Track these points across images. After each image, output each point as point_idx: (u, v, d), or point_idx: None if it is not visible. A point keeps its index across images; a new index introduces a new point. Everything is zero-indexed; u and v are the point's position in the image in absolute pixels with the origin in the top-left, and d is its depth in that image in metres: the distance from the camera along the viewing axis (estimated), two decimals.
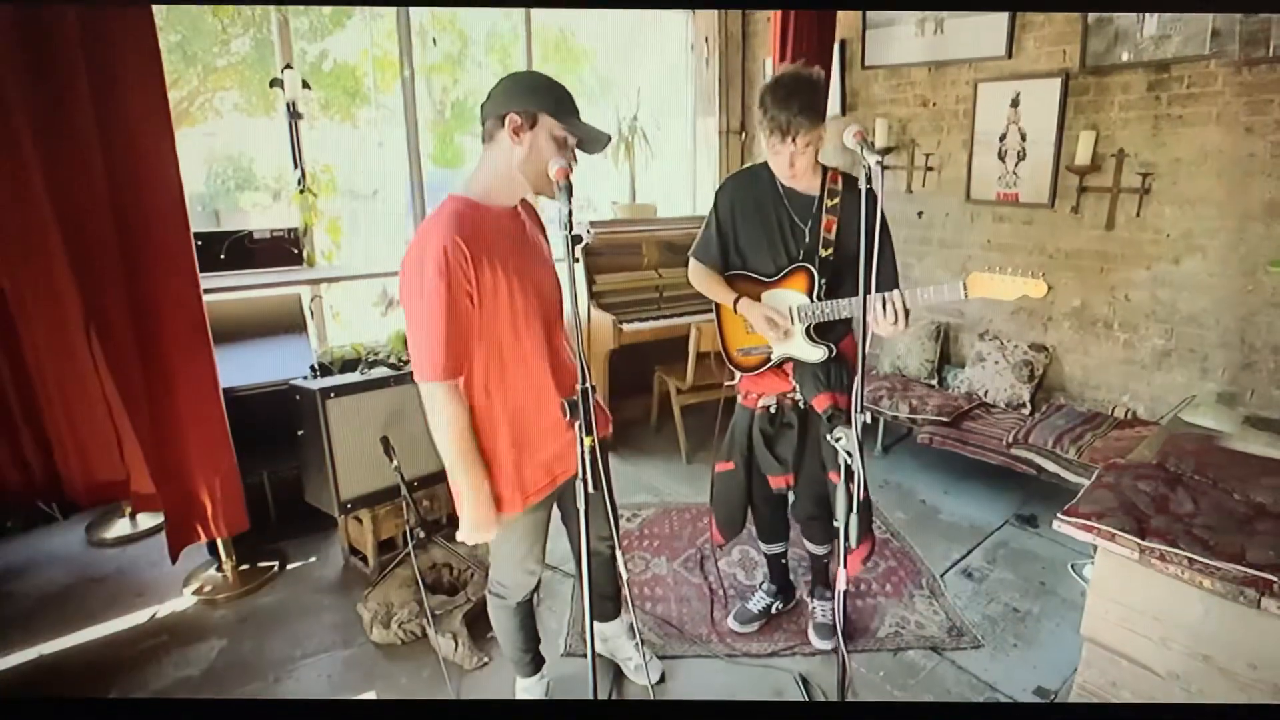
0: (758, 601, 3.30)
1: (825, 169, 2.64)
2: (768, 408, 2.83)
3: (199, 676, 3.01)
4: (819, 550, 3.12)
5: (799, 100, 2.40)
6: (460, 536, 2.22)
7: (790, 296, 2.67)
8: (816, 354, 2.67)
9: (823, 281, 2.61)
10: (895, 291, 2.36)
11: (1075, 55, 4.21)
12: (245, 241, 4.21)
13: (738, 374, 2.90)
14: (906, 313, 2.37)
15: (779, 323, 2.63)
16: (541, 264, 2.22)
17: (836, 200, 2.61)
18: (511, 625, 2.61)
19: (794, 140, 2.44)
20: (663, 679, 2.98)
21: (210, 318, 3.21)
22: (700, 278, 2.84)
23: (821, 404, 2.66)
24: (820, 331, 2.67)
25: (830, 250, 2.61)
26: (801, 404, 2.78)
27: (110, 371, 3.13)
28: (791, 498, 3.05)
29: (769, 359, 2.77)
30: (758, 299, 2.71)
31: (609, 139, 2.09)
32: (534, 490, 2.28)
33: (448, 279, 1.92)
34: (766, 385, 2.82)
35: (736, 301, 2.71)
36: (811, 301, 2.62)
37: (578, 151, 2.10)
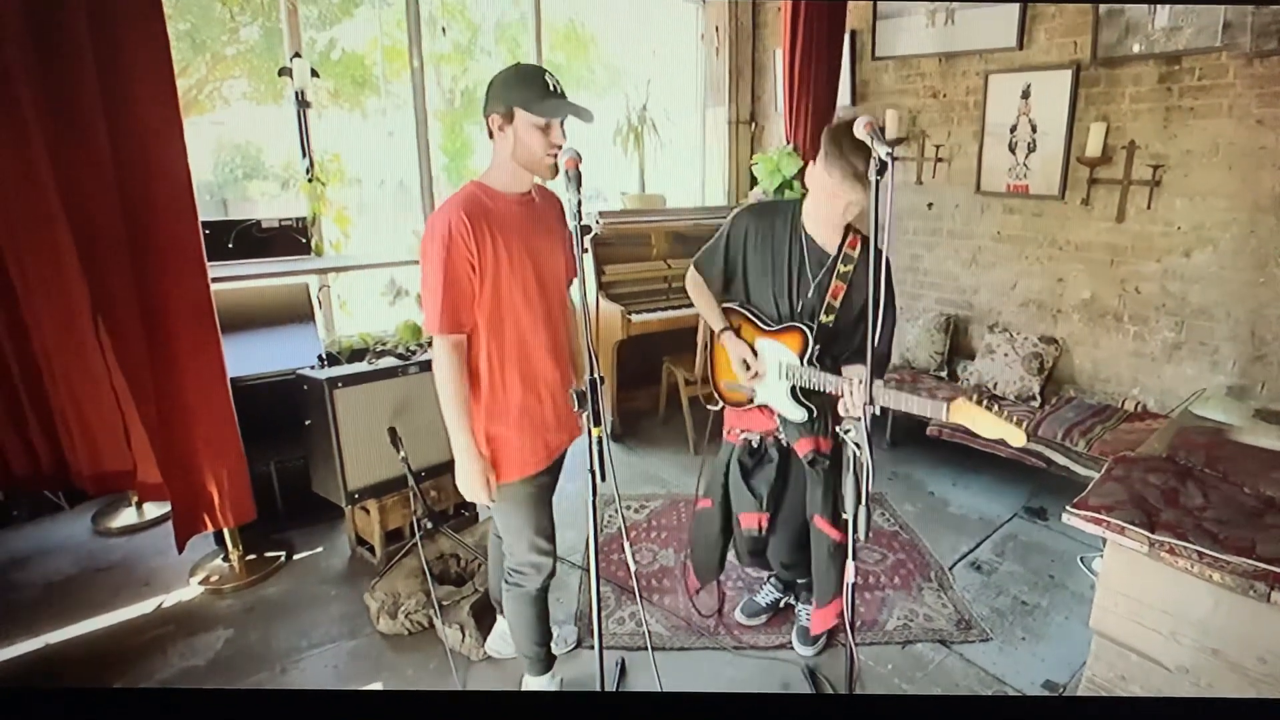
0: (765, 595, 3.28)
1: (847, 229, 2.58)
2: (749, 440, 2.81)
3: (205, 666, 3.00)
4: (800, 580, 3.09)
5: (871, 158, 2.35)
6: (461, 491, 2.36)
7: (782, 352, 2.62)
8: (798, 415, 2.65)
9: (816, 347, 2.57)
10: (878, 383, 2.27)
11: (1086, 47, 4.19)
12: (253, 230, 4.19)
13: (720, 402, 2.89)
14: (872, 400, 2.29)
15: (751, 365, 2.63)
16: (550, 248, 2.37)
17: (850, 267, 2.55)
18: (529, 615, 2.63)
19: (865, 189, 2.28)
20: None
21: (218, 307, 3.20)
22: (696, 292, 2.84)
23: (803, 449, 2.67)
24: (805, 392, 2.63)
25: (831, 317, 2.58)
26: (784, 442, 2.76)
27: (118, 360, 3.11)
28: (766, 538, 2.94)
29: (753, 399, 2.75)
30: (750, 341, 2.68)
31: (588, 113, 2.18)
32: (533, 460, 2.42)
33: (449, 247, 2.14)
34: (752, 422, 2.80)
35: (723, 332, 2.70)
36: (801, 364, 2.58)
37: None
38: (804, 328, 2.57)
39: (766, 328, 2.66)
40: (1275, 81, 3.63)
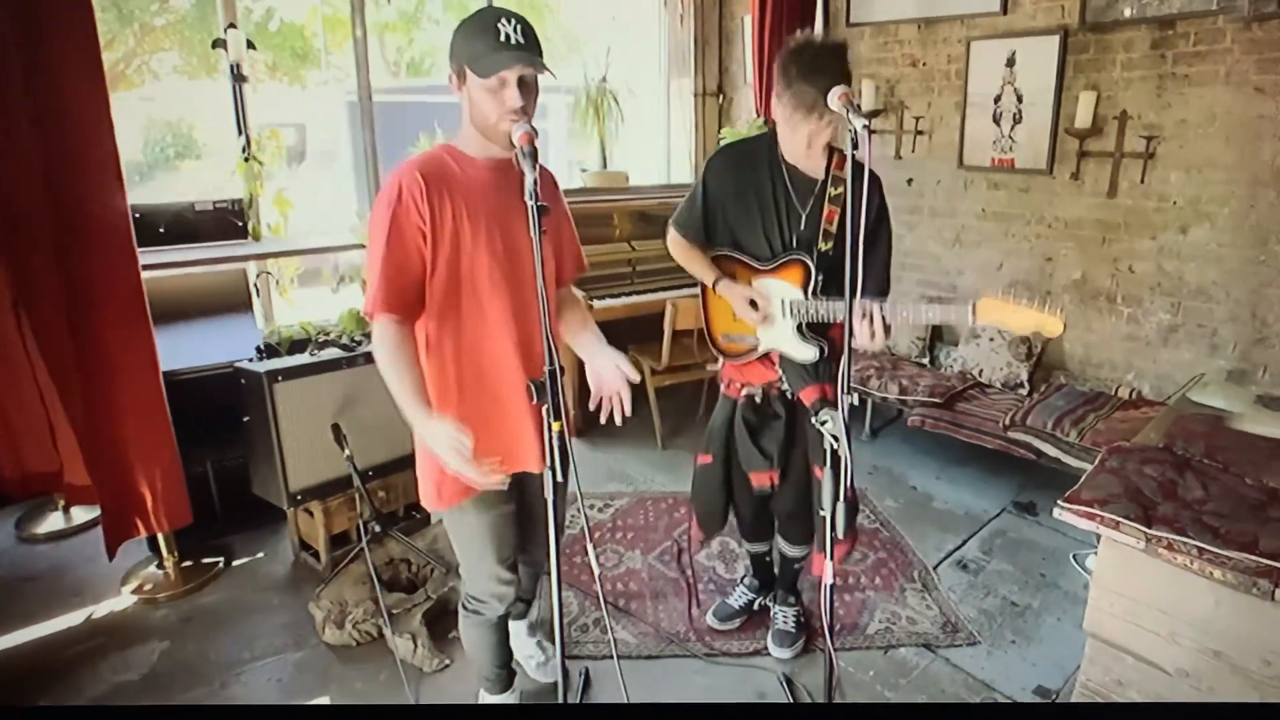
0: (739, 597, 3.21)
1: (832, 151, 2.49)
2: (752, 396, 2.70)
3: (139, 681, 2.91)
4: (794, 552, 2.98)
5: (829, 73, 2.20)
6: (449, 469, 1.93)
7: (784, 289, 2.53)
8: (808, 353, 2.54)
9: (819, 278, 2.49)
10: (879, 305, 2.24)
11: (1074, 11, 4.10)
12: (186, 214, 4.10)
13: (720, 358, 2.79)
14: (887, 328, 2.27)
15: (760, 305, 2.51)
16: (522, 224, 1.99)
17: (841, 190, 2.46)
18: (490, 641, 2.49)
19: (819, 118, 2.28)
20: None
21: (149, 296, 3.11)
22: (680, 251, 2.71)
23: (809, 396, 2.56)
24: (812, 328, 2.55)
25: (830, 244, 2.48)
26: (789, 394, 2.66)
27: (41, 354, 3.02)
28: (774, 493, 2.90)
29: (755, 349, 2.64)
30: (747, 285, 2.58)
31: (543, 64, 1.92)
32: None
33: (395, 211, 1.91)
34: (751, 374, 2.70)
35: (717, 282, 2.59)
36: (806, 298, 2.49)
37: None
38: (804, 259, 2.49)
39: (763, 268, 2.57)
40: (1274, 47, 3.54)
